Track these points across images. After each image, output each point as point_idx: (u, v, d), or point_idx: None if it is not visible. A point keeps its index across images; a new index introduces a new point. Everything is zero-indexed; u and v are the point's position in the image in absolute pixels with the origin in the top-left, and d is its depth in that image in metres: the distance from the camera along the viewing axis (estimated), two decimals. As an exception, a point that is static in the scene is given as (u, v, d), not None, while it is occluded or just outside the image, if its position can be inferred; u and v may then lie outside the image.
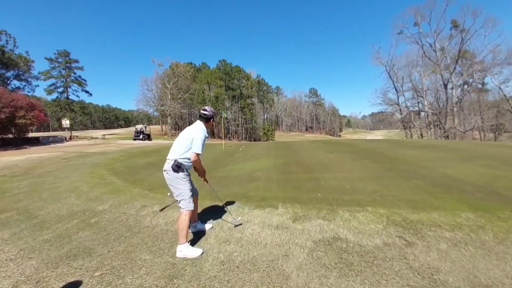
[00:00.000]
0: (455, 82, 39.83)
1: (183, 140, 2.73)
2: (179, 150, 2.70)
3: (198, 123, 2.89)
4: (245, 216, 3.45)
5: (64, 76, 47.24)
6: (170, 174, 2.67)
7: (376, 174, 5.34)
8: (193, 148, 2.66)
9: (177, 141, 2.81)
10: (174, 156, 2.69)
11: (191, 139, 2.69)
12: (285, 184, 5.05)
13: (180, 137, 2.81)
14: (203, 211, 3.81)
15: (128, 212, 4.01)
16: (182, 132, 2.88)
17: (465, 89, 42.19)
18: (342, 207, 3.53)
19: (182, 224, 2.61)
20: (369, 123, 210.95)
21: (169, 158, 2.72)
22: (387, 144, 11.44)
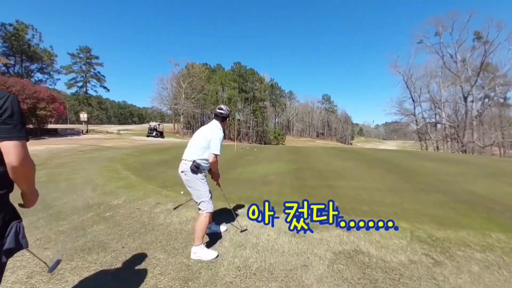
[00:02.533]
0: (476, 95, 38.46)
1: (200, 141, 2.63)
2: (196, 151, 2.60)
3: (214, 122, 2.80)
4: (253, 222, 3.36)
5: (84, 71, 48.96)
6: (188, 176, 2.58)
7: (394, 186, 5.14)
8: (212, 149, 2.57)
9: (193, 141, 2.72)
10: (191, 157, 2.59)
11: (208, 139, 2.60)
12: (300, 190, 4.94)
13: (196, 137, 2.71)
14: (217, 212, 3.75)
15: (142, 208, 4.00)
16: (197, 132, 2.79)
17: (486, 103, 40.69)
18: (360, 218, 3.39)
19: (200, 225, 2.54)
20: (382, 132, 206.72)
21: (186, 159, 2.62)
22: (402, 154, 11.09)
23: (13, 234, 1.08)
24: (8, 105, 0.99)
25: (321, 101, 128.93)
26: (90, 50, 49.88)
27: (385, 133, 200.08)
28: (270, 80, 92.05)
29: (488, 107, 40.62)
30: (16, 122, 1.02)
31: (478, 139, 38.47)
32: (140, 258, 2.51)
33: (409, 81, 45.26)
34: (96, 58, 50.43)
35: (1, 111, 0.97)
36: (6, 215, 1.10)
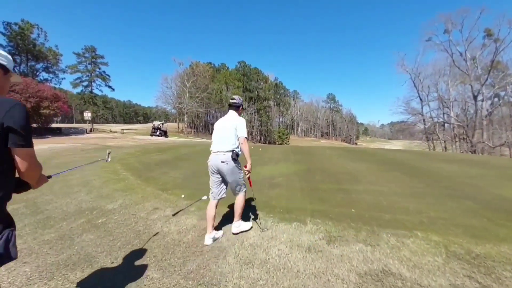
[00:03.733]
0: (486, 94, 37.45)
1: (230, 131, 2.80)
2: (231, 140, 2.77)
3: (231, 112, 3.00)
4: (269, 231, 2.97)
5: (89, 70, 49.01)
6: (230, 165, 2.73)
7: (414, 190, 4.70)
8: (241, 133, 2.79)
9: (221, 133, 2.85)
10: (228, 147, 2.75)
11: (234, 126, 2.80)
12: (310, 194, 4.53)
13: (223, 129, 2.86)
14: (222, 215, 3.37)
15: (138, 214, 3.64)
16: (220, 125, 2.92)
17: (496, 102, 39.59)
18: (384, 229, 2.97)
19: (240, 204, 2.92)
20: (387, 132, 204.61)
21: (222, 151, 2.75)
22: (415, 155, 10.56)
23: (3, 242, 1.10)
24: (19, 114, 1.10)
25: (325, 100, 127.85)
26: (95, 50, 49.90)
27: (390, 132, 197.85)
28: (274, 79, 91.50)
29: (498, 106, 39.55)
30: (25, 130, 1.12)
31: (488, 139, 37.48)
32: (130, 277, 2.14)
33: (417, 80, 44.39)
34: (101, 58, 50.43)
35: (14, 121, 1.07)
36: (1, 223, 1.12)
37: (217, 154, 2.77)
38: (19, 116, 1.11)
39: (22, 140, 1.12)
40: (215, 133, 2.92)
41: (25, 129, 1.12)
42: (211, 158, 2.84)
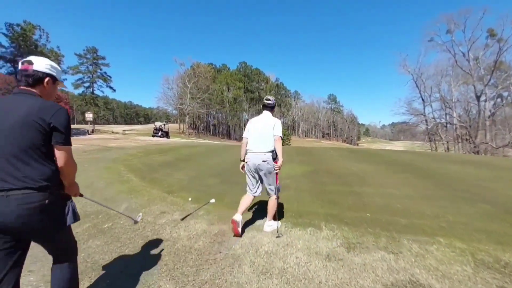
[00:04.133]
0: (489, 95, 37.23)
1: (269, 132, 2.92)
2: (270, 141, 2.91)
3: (267, 113, 3.11)
4: (284, 237, 2.84)
5: (91, 71, 49.06)
6: (270, 164, 2.87)
7: (427, 193, 4.56)
8: (277, 132, 2.94)
9: (261, 134, 2.94)
10: (269, 148, 2.89)
11: (272, 126, 2.93)
12: (320, 197, 4.40)
13: (262, 129, 2.96)
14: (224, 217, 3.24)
15: (145, 218, 3.52)
16: (258, 126, 3.01)
17: (498, 103, 39.33)
18: (404, 235, 2.84)
19: (274, 205, 3.02)
20: (388, 133, 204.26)
21: (263, 151, 2.88)
22: (420, 156, 10.41)
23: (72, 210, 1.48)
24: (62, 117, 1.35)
25: (327, 101, 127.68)
26: (96, 51, 49.95)
27: (391, 133, 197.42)
28: (275, 79, 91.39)
29: (501, 107, 39.32)
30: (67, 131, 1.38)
31: (491, 140, 37.25)
32: (141, 287, 2.02)
33: (419, 80, 44.22)
34: (102, 59, 50.47)
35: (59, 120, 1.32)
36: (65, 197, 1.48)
37: (258, 154, 2.88)
38: (64, 119, 1.36)
39: (63, 139, 1.36)
40: (253, 133, 3.00)
41: (66, 130, 1.37)
42: (251, 158, 2.94)
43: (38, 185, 1.28)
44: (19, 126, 1.26)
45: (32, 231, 1.34)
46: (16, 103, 1.32)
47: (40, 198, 1.29)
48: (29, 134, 1.27)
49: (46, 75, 1.45)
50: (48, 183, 1.32)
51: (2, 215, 1.21)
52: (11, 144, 1.25)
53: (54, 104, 1.37)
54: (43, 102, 1.36)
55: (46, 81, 1.45)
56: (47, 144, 1.32)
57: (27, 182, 1.25)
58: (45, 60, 1.48)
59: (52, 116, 1.31)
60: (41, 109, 1.30)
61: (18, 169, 1.25)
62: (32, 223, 1.29)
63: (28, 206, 1.25)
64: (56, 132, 1.32)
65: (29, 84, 1.40)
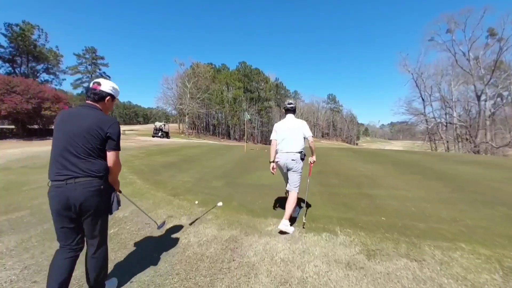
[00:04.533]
0: (489, 94, 37.18)
1: (299, 134, 3.17)
2: (300, 142, 3.16)
3: (291, 115, 3.34)
4: (299, 243, 2.72)
5: (90, 71, 48.95)
6: (298, 163, 3.13)
7: (441, 195, 4.45)
8: (309, 134, 3.18)
9: (291, 135, 3.17)
10: (298, 148, 3.13)
11: (301, 130, 3.18)
12: (331, 200, 4.28)
13: (291, 131, 3.19)
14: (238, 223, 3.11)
15: (152, 223, 3.39)
16: (286, 128, 3.23)
17: (498, 102, 39.30)
18: (423, 240, 2.73)
19: (295, 200, 3.10)
20: (387, 132, 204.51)
21: (293, 151, 3.12)
22: (427, 157, 10.30)
23: (117, 200, 1.91)
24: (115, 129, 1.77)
25: (326, 100, 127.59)
26: (95, 51, 49.87)
27: (390, 133, 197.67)
28: (275, 79, 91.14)
29: (501, 106, 39.29)
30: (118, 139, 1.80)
31: (491, 139, 37.22)
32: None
33: (419, 80, 44.16)
34: (101, 59, 50.45)
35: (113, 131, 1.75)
36: (110, 188, 1.86)
37: (288, 154, 3.14)
38: (117, 130, 1.76)
39: (114, 145, 1.76)
40: (281, 134, 3.22)
41: (117, 138, 1.77)
42: (281, 157, 3.19)
43: (96, 174, 1.70)
44: (85, 133, 1.67)
45: (90, 208, 1.70)
46: (84, 114, 1.74)
47: (98, 184, 1.72)
48: (91, 139, 1.68)
49: (108, 94, 1.87)
50: (103, 174, 1.74)
51: (71, 195, 1.63)
52: (79, 145, 1.66)
53: (111, 118, 1.78)
54: (103, 115, 1.77)
55: (107, 99, 1.88)
56: (102, 147, 1.74)
57: (88, 173, 1.67)
58: (110, 82, 1.91)
59: (109, 127, 1.73)
60: (102, 121, 1.72)
61: (83, 163, 1.67)
62: (91, 202, 1.69)
63: (89, 189, 1.67)
64: (110, 140, 1.74)
65: (95, 100, 1.83)
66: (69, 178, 1.64)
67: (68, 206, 1.65)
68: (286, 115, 3.39)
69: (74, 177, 1.65)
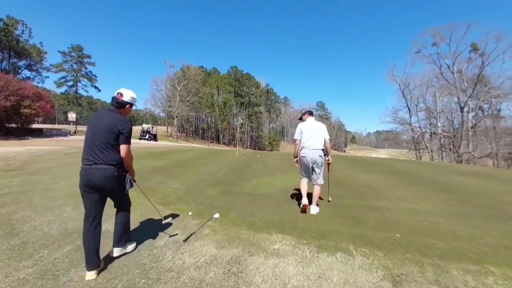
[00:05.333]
0: (472, 106, 38.65)
1: (321, 133, 3.79)
2: (322, 141, 3.78)
3: (312, 118, 4.04)
4: (312, 266, 2.37)
5: (75, 70, 47.13)
6: (323, 158, 3.74)
7: (450, 209, 4.24)
8: (327, 136, 3.81)
9: (315, 135, 3.77)
10: (322, 146, 3.75)
11: (322, 130, 3.82)
12: (337, 212, 3.98)
13: (315, 131, 3.81)
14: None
15: (141, 238, 2.95)
16: (311, 128, 3.85)
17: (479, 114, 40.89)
18: (448, 262, 2.45)
19: (320, 191, 3.90)
20: (373, 140, 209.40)
21: (318, 148, 3.72)
22: (427, 167, 10.17)
23: (130, 180, 2.40)
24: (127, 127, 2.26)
25: (315, 107, 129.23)
26: (82, 49, 48.09)
27: (376, 141, 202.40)
28: (266, 85, 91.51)
29: (482, 118, 40.89)
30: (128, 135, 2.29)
31: (473, 149, 38.54)
32: None
33: (406, 90, 45.40)
34: (88, 57, 48.62)
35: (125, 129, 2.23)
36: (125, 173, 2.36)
37: (315, 150, 3.71)
38: (128, 128, 2.26)
39: (125, 140, 2.26)
40: (307, 134, 3.80)
41: (128, 134, 2.27)
42: (309, 153, 3.73)
43: (111, 163, 2.17)
44: (105, 130, 2.16)
45: (108, 189, 2.23)
46: (106, 116, 2.25)
47: (112, 171, 2.19)
48: (109, 135, 2.16)
49: (128, 103, 2.37)
50: (116, 163, 2.21)
51: (92, 177, 2.13)
52: (100, 140, 2.15)
53: (125, 119, 2.28)
54: (119, 117, 2.26)
55: (127, 106, 2.39)
56: (117, 142, 2.21)
57: (105, 161, 2.15)
58: (130, 93, 2.38)
59: (122, 126, 2.21)
60: (117, 121, 2.21)
61: (102, 154, 2.15)
62: (106, 184, 2.18)
63: (105, 174, 2.15)
64: (121, 135, 2.21)
65: (117, 107, 2.32)
66: (92, 164, 2.15)
67: (89, 185, 2.17)
68: (307, 118, 4.04)
69: (96, 163, 2.15)
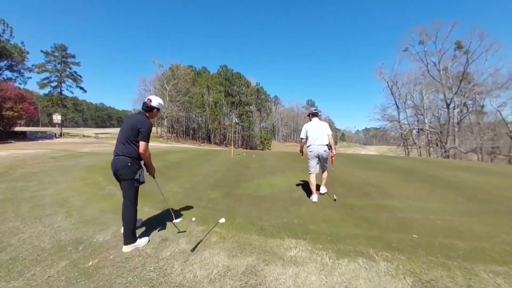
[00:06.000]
0: (457, 103, 39.75)
1: (325, 131, 4.44)
2: (326, 138, 4.41)
3: (316, 118, 4.61)
4: (336, 274, 2.20)
5: (59, 70, 45.48)
6: (327, 152, 4.43)
7: (460, 206, 4.16)
8: (330, 132, 4.46)
9: (320, 133, 4.41)
10: (326, 142, 4.40)
11: (325, 128, 4.45)
12: (348, 213, 3.84)
13: (320, 130, 4.44)
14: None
15: (144, 250, 2.71)
16: (316, 127, 4.48)
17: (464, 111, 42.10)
18: (474, 264, 2.34)
19: (327, 176, 4.80)
20: (362, 138, 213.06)
21: (323, 144, 4.39)
22: (422, 163, 10.11)
23: (143, 174, 2.81)
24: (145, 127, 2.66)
25: (305, 106, 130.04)
26: (66, 49, 46.41)
27: (365, 138, 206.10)
28: (256, 84, 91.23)
29: (466, 114, 42.13)
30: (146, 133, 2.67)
31: (459, 145, 39.66)
32: None
33: (394, 88, 46.22)
34: (72, 57, 46.95)
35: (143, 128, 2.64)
36: (140, 167, 2.76)
37: (321, 146, 4.38)
38: (146, 127, 2.67)
39: (142, 138, 2.66)
40: (313, 133, 4.45)
41: (145, 133, 2.66)
42: (316, 148, 4.40)
43: (128, 156, 2.65)
44: (128, 129, 2.66)
45: (121, 177, 2.68)
46: (133, 117, 2.76)
47: (127, 161, 2.65)
48: (131, 133, 2.64)
49: (155, 108, 2.84)
50: (132, 156, 2.66)
51: (114, 168, 2.69)
52: (124, 136, 2.66)
53: (146, 120, 2.72)
54: (142, 118, 2.73)
55: (154, 110, 2.87)
56: (136, 139, 2.66)
57: (124, 154, 2.65)
58: (158, 99, 2.87)
59: (141, 125, 2.65)
60: (139, 121, 2.67)
61: (124, 148, 2.66)
62: (121, 173, 2.65)
63: (122, 163, 2.65)
64: (140, 133, 2.64)
65: (145, 110, 2.81)
66: (116, 156, 2.67)
67: (113, 172, 2.70)
68: (312, 118, 4.64)
69: (118, 155, 2.65)
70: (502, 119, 39.43)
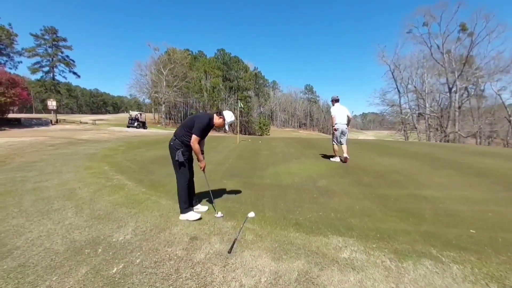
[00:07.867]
0: (460, 86, 39.26)
1: (345, 113, 6.56)
2: (346, 117, 6.54)
3: (338, 103, 6.67)
4: (406, 283, 1.89)
5: (50, 54, 43.80)
6: (347, 129, 6.55)
7: (501, 195, 3.87)
8: (349, 113, 6.64)
9: (343, 114, 6.54)
10: (345, 121, 6.53)
11: (346, 111, 6.56)
12: (385, 204, 3.53)
13: (343, 112, 6.55)
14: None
15: (173, 252, 2.37)
16: (339, 109, 6.58)
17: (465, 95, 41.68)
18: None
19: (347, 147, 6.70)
20: (359, 122, 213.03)
21: (345, 123, 6.50)
22: (438, 149, 9.79)
23: (181, 154, 3.06)
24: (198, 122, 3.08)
25: (303, 91, 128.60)
26: (56, 31, 44.40)
27: (362, 123, 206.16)
28: (254, 69, 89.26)
29: (467, 99, 41.76)
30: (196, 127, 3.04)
31: (459, 129, 39.60)
32: None
33: (396, 71, 45.38)
34: (63, 40, 45.06)
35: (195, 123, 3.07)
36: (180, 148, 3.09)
37: (344, 125, 6.45)
38: (198, 122, 3.06)
39: (194, 130, 3.02)
40: (339, 115, 6.50)
41: (196, 126, 3.03)
42: (341, 126, 6.42)
43: (177, 139, 3.11)
44: (188, 121, 3.17)
45: (171, 156, 3.16)
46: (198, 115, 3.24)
47: (174, 143, 3.11)
48: (188, 124, 3.12)
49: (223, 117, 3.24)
50: (180, 141, 3.10)
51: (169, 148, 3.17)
52: (183, 125, 3.17)
53: (203, 117, 3.16)
54: (202, 115, 3.23)
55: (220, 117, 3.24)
56: (190, 130, 3.06)
57: (178, 137, 3.11)
58: (231, 115, 3.29)
59: (196, 119, 3.10)
60: (197, 117, 3.16)
61: (179, 132, 3.14)
62: (170, 153, 3.15)
63: (173, 144, 3.11)
64: (194, 127, 3.04)
65: (217, 114, 3.25)
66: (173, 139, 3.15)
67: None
68: (335, 104, 6.66)
69: (175, 137, 3.14)
70: (502, 103, 39.18)
